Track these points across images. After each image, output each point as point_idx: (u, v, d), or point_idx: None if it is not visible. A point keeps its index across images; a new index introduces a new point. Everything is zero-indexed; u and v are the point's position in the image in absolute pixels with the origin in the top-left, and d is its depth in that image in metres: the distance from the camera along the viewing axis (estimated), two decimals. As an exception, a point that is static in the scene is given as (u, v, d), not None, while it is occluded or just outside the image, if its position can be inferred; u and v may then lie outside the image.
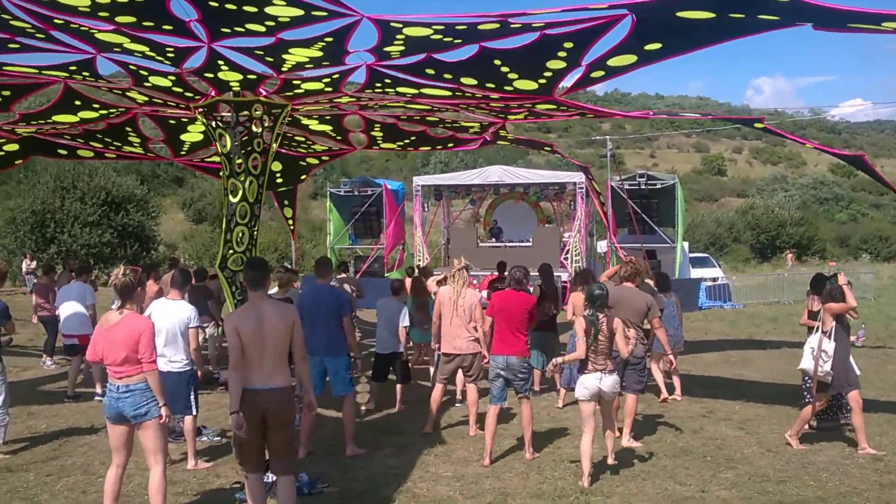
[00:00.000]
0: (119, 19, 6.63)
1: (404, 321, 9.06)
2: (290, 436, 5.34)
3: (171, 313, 6.88)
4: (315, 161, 14.98)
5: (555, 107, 9.03)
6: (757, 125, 9.25)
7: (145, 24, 6.83)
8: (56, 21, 6.72)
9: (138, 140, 12.57)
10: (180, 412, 6.93)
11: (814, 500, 6.05)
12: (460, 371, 8.22)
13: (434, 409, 8.27)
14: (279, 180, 15.46)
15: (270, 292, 11.15)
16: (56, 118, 10.86)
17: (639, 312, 7.68)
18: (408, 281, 13.23)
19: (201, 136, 12.52)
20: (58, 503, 6.04)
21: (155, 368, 5.29)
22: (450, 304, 7.92)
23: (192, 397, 6.96)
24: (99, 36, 7.22)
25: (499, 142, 12.12)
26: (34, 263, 26.52)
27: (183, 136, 12.82)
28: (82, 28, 6.93)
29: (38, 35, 7.27)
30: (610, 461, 6.75)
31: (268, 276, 5.56)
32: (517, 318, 7.15)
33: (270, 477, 5.98)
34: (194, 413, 6.99)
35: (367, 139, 13.12)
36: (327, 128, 12.55)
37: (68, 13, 6.56)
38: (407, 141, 13.08)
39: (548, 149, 14.42)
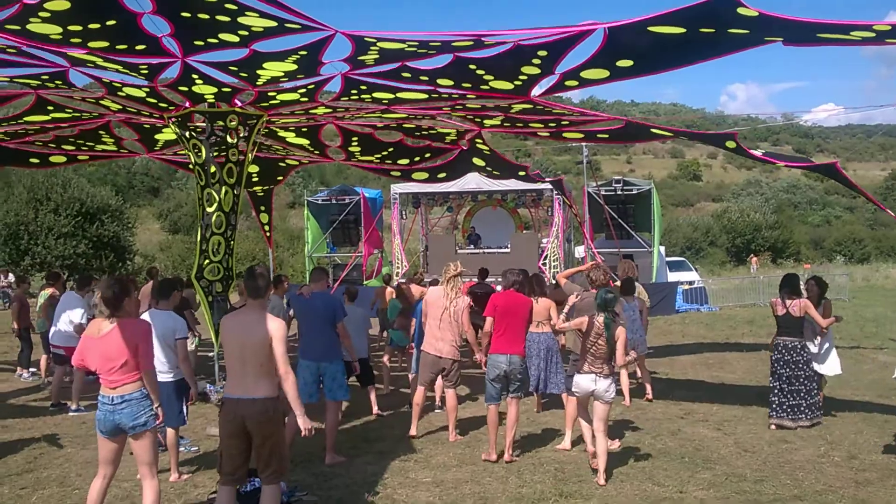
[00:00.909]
0: (92, 44, 6.61)
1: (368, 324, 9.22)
2: (276, 446, 5.19)
3: (157, 323, 6.78)
4: (294, 162, 14.88)
5: (531, 106, 9.08)
6: (729, 144, 9.32)
7: (118, 47, 6.81)
8: (30, 32, 6.66)
9: (111, 139, 12.45)
10: (172, 424, 6.87)
11: (790, 499, 6.11)
12: (440, 377, 8.23)
13: (417, 412, 8.27)
14: (255, 179, 15.37)
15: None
16: (28, 118, 10.76)
17: None
18: (388, 290, 13.25)
19: (175, 136, 12.44)
20: (32, 517, 5.97)
21: (153, 368, 5.25)
22: (439, 307, 7.94)
23: (184, 407, 6.90)
24: (72, 54, 7.18)
25: (477, 145, 12.10)
26: (11, 277, 26.38)
27: (157, 136, 12.73)
28: (56, 52, 6.90)
29: (8, 49, 7.20)
30: (601, 481, 6.53)
31: (269, 286, 5.47)
32: (521, 319, 7.30)
33: (253, 484, 5.97)
34: (185, 423, 6.94)
35: (345, 154, 13.10)
36: (304, 141, 12.53)
37: (40, 42, 6.53)
38: (385, 153, 13.06)
39: (522, 173, 14.41)
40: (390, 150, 12.83)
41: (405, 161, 13.35)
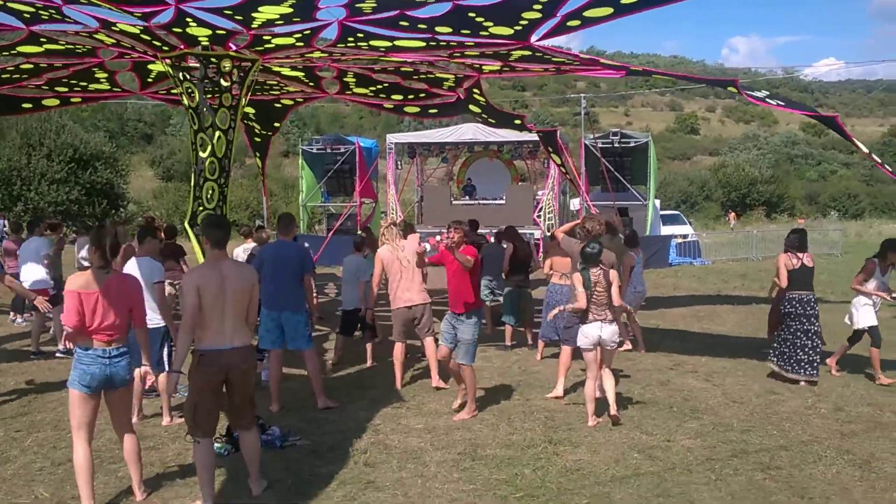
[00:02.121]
0: None
1: (365, 276, 9.07)
2: (252, 391, 5.29)
3: (142, 270, 6.80)
4: (289, 102, 14.70)
5: (530, 53, 8.97)
6: (730, 88, 9.22)
7: None
8: None
9: (105, 75, 12.24)
10: (161, 369, 6.92)
11: (776, 449, 6.20)
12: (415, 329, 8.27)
13: (399, 367, 8.25)
14: (252, 123, 15.23)
15: (247, 246, 11.14)
16: (21, 48, 10.56)
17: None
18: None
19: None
20: (28, 458, 6.03)
21: (145, 325, 5.23)
22: (394, 262, 7.96)
23: (166, 354, 6.90)
24: None
25: (474, 95, 11.97)
26: (4, 223, 26.17)
27: (151, 66, 12.54)
28: None
29: None
30: (612, 412, 6.77)
31: (229, 234, 5.39)
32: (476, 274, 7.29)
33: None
34: (167, 369, 6.96)
35: (340, 84, 12.95)
36: (300, 73, 12.39)
37: None
38: (380, 86, 12.94)
39: (518, 121, 14.31)
40: (385, 85, 12.73)
41: (399, 97, 13.22)
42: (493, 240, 12.05)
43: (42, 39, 9.82)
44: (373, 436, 6.53)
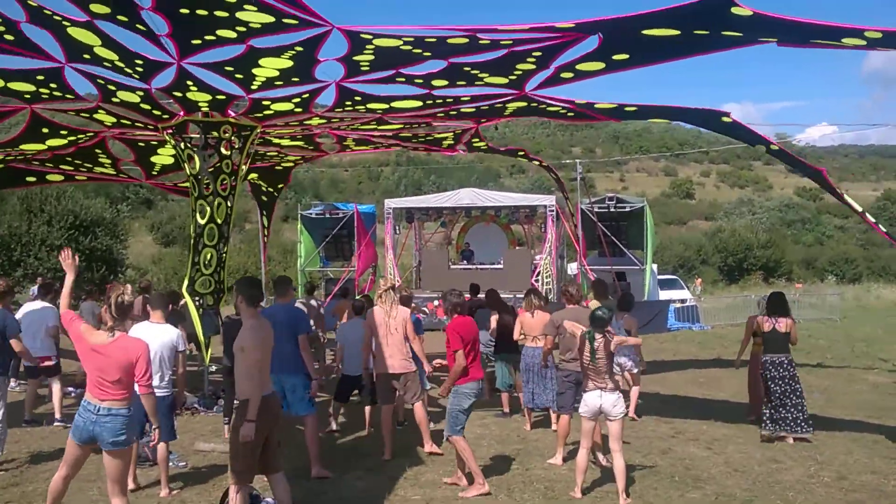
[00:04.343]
0: (93, 7, 6.48)
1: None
2: None
3: (155, 336, 6.71)
4: (290, 164, 14.87)
5: (525, 104, 9.12)
6: (724, 119, 9.32)
7: (119, 17, 6.72)
8: (30, 3, 6.52)
9: (109, 161, 12.43)
10: (165, 438, 6.83)
11: (780, 519, 6.10)
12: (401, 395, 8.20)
13: (388, 434, 8.09)
14: (261, 186, 15.45)
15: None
16: (24, 147, 10.74)
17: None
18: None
19: (172, 160, 12.43)
20: (17, 531, 5.91)
21: (152, 392, 5.25)
22: (383, 325, 7.91)
23: (174, 423, 6.87)
24: (71, 31, 6.99)
25: (474, 144, 12.14)
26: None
27: (153, 158, 12.72)
28: (55, 17, 6.75)
29: (6, 36, 7.10)
30: (622, 502, 6.43)
31: (262, 293, 5.92)
32: (478, 341, 7.19)
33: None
34: (175, 438, 6.90)
35: (339, 147, 13.14)
36: (299, 143, 12.58)
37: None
38: (379, 143, 13.14)
39: (521, 154, 14.53)
40: (385, 143, 12.93)
41: (396, 145, 13.39)
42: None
43: (44, 130, 9.97)
44: (369, 507, 6.41)
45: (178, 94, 8.70)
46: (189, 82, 8.14)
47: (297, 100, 8.94)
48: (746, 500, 6.54)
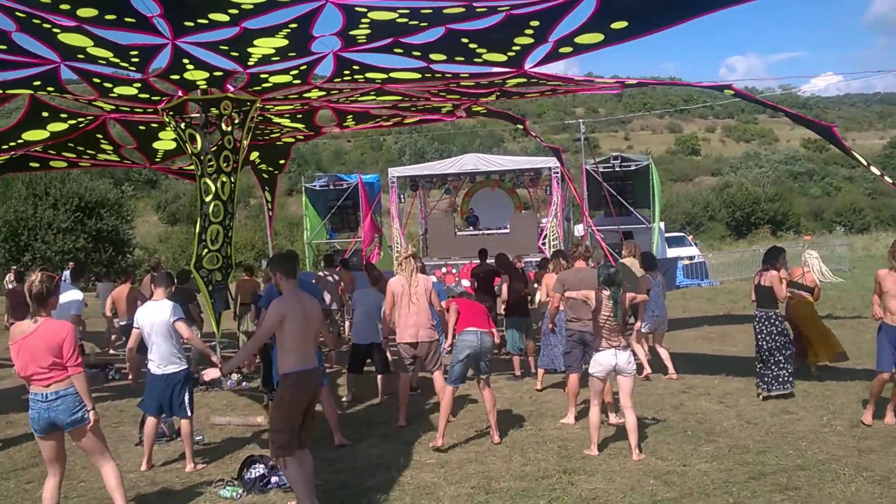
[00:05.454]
0: (80, 13, 6.48)
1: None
2: None
3: (153, 314, 6.81)
4: (290, 140, 14.79)
5: (525, 80, 9.02)
6: (727, 91, 9.24)
7: (107, 17, 6.69)
8: (18, 14, 6.53)
9: (111, 147, 12.40)
10: (177, 415, 6.88)
11: (794, 469, 6.13)
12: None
13: (403, 401, 8.16)
14: (261, 166, 15.38)
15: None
16: (26, 136, 10.71)
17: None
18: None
19: (174, 144, 12.38)
20: (39, 510, 5.99)
21: (81, 371, 5.11)
22: (404, 294, 7.84)
23: (188, 398, 6.85)
24: (62, 37, 7.05)
25: (473, 109, 12.06)
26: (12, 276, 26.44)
27: (155, 144, 12.67)
28: (45, 26, 6.76)
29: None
30: (635, 457, 6.50)
31: (298, 264, 5.86)
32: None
33: (256, 471, 6.04)
34: (189, 415, 6.90)
35: (340, 128, 13.07)
36: (300, 125, 12.50)
37: (30, 6, 6.42)
38: (379, 119, 13.06)
39: (519, 125, 14.41)
40: (384, 117, 12.85)
41: (398, 119, 13.32)
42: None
43: (45, 114, 9.95)
44: (385, 473, 6.47)
45: (176, 77, 8.65)
46: (185, 60, 8.07)
47: (296, 71, 8.86)
48: (759, 452, 6.58)
